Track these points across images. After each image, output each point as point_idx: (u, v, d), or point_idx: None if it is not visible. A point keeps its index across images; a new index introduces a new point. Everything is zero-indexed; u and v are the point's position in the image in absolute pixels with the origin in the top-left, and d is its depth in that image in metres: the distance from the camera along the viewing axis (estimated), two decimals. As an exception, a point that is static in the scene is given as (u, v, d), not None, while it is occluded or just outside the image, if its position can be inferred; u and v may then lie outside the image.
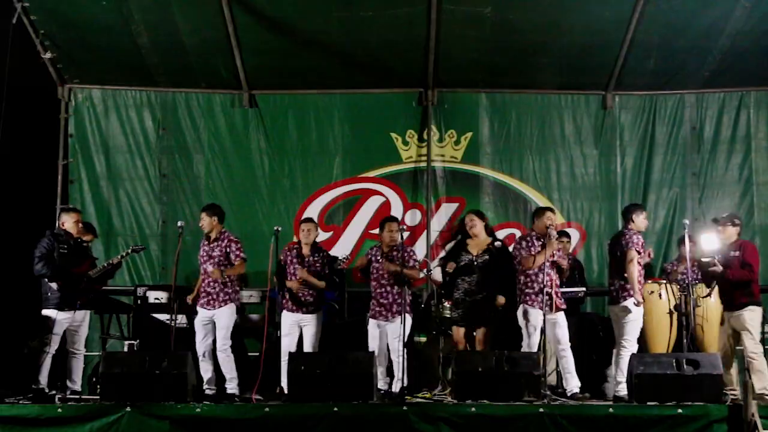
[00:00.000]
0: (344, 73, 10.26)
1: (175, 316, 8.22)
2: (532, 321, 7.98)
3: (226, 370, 8.11)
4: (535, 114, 10.52)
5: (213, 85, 10.45)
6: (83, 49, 9.89)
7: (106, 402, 7.41)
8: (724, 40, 9.57)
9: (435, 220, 10.44)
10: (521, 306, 8.08)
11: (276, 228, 8.21)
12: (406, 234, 8.53)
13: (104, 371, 7.55)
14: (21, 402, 7.62)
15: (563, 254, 8.57)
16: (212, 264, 8.18)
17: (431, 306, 8.83)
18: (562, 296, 8.21)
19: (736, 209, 9.82)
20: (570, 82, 10.40)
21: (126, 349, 8.88)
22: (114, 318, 9.23)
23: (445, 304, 8.50)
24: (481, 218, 8.68)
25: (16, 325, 8.63)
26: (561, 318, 8.03)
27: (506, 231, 10.15)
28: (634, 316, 7.98)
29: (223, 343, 8.10)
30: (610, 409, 7.22)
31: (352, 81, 10.38)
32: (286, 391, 7.73)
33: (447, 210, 10.47)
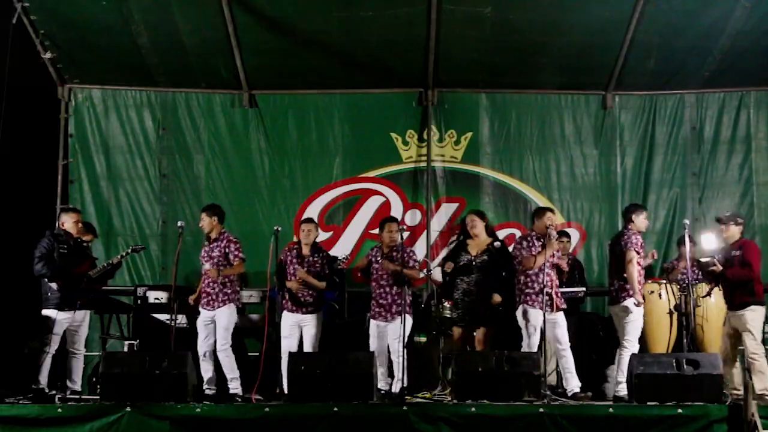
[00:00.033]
0: (344, 73, 10.26)
1: (175, 316, 8.22)
2: (532, 321, 7.97)
3: (227, 370, 8.10)
4: (535, 114, 10.51)
5: (213, 85, 10.45)
6: (83, 49, 9.88)
7: (106, 402, 7.41)
8: (724, 40, 9.57)
9: (435, 220, 10.44)
10: (521, 306, 8.07)
11: (276, 228, 8.20)
12: (406, 234, 8.50)
13: (104, 371, 7.55)
14: (21, 402, 7.63)
15: (562, 254, 8.57)
16: (212, 264, 8.18)
17: (431, 306, 8.82)
18: (561, 296, 8.22)
19: (736, 209, 9.78)
20: (570, 82, 10.40)
21: (126, 349, 8.88)
22: (114, 318, 9.24)
23: (445, 304, 8.50)
24: (481, 218, 8.69)
25: (16, 325, 8.63)
26: (561, 318, 8.03)
27: (506, 231, 10.12)
28: (634, 316, 7.98)
29: (223, 343, 8.09)
30: (610, 409, 7.22)
31: (352, 81, 10.37)
32: (286, 392, 7.73)
33: (447, 210, 10.46)
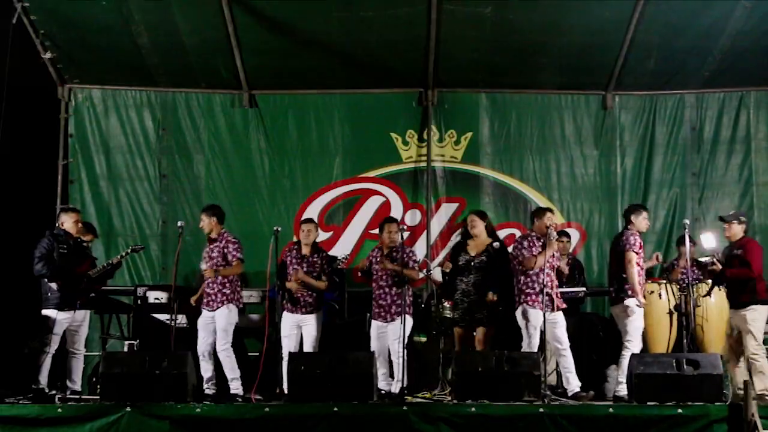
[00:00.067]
0: (344, 73, 10.26)
1: (175, 316, 8.22)
2: (533, 321, 7.97)
3: (227, 370, 8.09)
4: (535, 114, 10.51)
5: (213, 85, 10.45)
6: (83, 49, 9.88)
7: (106, 402, 7.40)
8: (724, 40, 9.57)
9: (435, 221, 10.43)
10: (521, 306, 8.07)
11: (276, 228, 8.19)
12: (406, 234, 8.50)
13: (104, 371, 7.55)
14: (21, 402, 7.62)
15: (562, 254, 8.56)
16: (211, 265, 8.18)
17: (431, 306, 8.82)
18: (561, 296, 8.22)
19: (736, 209, 9.80)
20: (570, 82, 10.40)
21: (126, 349, 8.88)
22: (114, 318, 9.24)
23: (445, 305, 8.50)
24: (482, 218, 8.68)
25: (16, 325, 8.62)
26: (560, 318, 8.03)
27: (506, 231, 10.12)
28: (634, 316, 7.98)
29: (223, 343, 8.08)
30: (610, 409, 7.22)
31: (352, 81, 10.37)
32: (286, 392, 7.73)
33: (447, 210, 10.46)
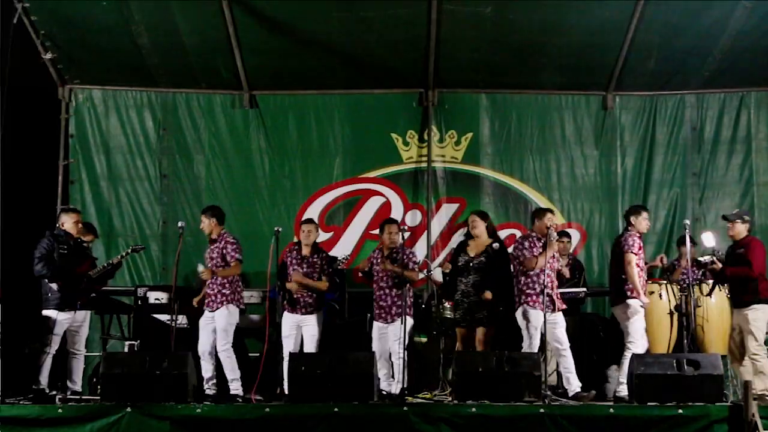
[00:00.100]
0: (345, 74, 10.27)
1: (175, 316, 8.22)
2: (533, 322, 7.96)
3: (228, 371, 8.09)
4: (536, 114, 10.51)
5: (213, 85, 10.45)
6: (84, 50, 9.89)
7: (106, 402, 7.40)
8: (725, 41, 9.56)
9: (435, 221, 10.43)
10: (521, 307, 8.06)
11: (276, 229, 8.20)
12: (407, 234, 8.49)
13: (105, 372, 7.55)
14: (21, 402, 7.63)
15: (562, 254, 8.56)
16: (213, 266, 8.18)
17: (431, 306, 8.82)
18: (562, 297, 8.22)
19: (736, 209, 9.78)
20: (570, 83, 10.39)
21: (126, 349, 8.87)
22: (114, 318, 9.25)
23: (446, 305, 8.50)
24: (483, 219, 8.65)
25: (16, 325, 8.62)
26: (560, 318, 8.03)
27: (507, 231, 10.12)
28: (636, 317, 7.98)
29: (223, 344, 8.08)
30: (611, 410, 7.22)
31: (352, 81, 10.38)
32: (286, 392, 7.73)
33: (447, 210, 10.46)
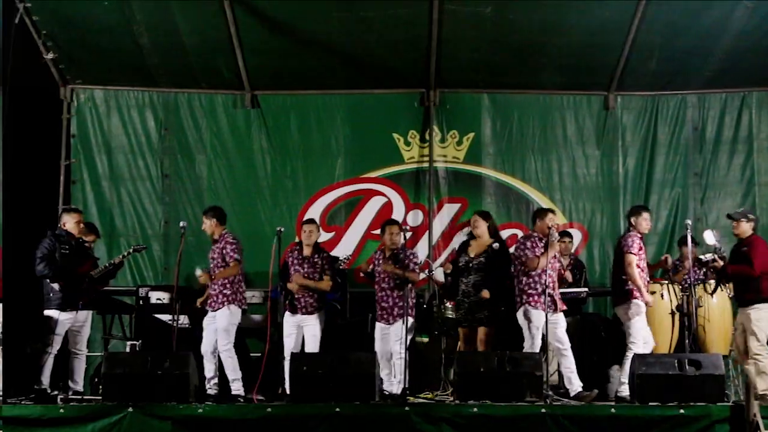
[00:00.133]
0: (346, 74, 10.26)
1: (177, 316, 8.23)
2: (535, 322, 7.95)
3: (229, 371, 8.08)
4: (537, 114, 10.50)
5: (215, 85, 10.45)
6: (85, 50, 9.89)
7: (108, 402, 7.41)
8: (726, 41, 9.55)
9: (437, 221, 10.43)
10: (523, 307, 8.06)
11: (278, 229, 8.21)
12: (409, 235, 8.50)
13: (106, 372, 7.56)
14: (23, 402, 7.64)
15: (563, 254, 8.56)
16: (215, 266, 8.18)
17: (433, 306, 8.82)
18: (563, 297, 8.22)
19: (738, 209, 9.79)
20: (572, 83, 10.39)
21: (128, 349, 8.87)
22: (116, 318, 9.26)
23: (447, 305, 8.50)
24: (485, 219, 8.63)
25: (18, 325, 8.62)
26: (561, 318, 8.02)
27: (508, 231, 10.12)
28: (637, 317, 7.98)
29: (224, 344, 8.07)
30: (613, 410, 7.22)
31: (353, 81, 10.38)
32: (288, 393, 7.73)
33: (449, 210, 10.45)
